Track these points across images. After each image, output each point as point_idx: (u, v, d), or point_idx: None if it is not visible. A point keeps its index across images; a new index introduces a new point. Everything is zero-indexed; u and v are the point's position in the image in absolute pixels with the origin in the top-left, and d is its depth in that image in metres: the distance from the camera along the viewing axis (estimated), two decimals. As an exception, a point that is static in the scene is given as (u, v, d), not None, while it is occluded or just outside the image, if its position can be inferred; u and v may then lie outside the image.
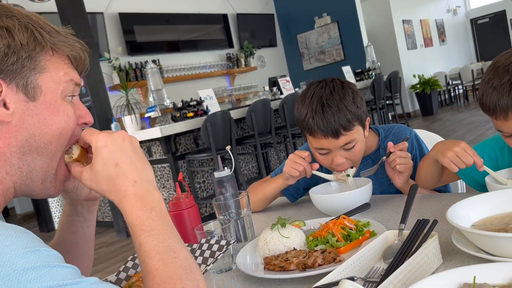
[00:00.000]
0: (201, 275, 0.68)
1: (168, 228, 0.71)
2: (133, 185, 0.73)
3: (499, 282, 0.62)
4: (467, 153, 1.14)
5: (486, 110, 1.12)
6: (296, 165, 1.40)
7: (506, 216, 0.90)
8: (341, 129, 1.32)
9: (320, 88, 1.37)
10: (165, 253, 0.67)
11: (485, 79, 1.12)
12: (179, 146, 4.81)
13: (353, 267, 0.86)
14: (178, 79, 8.28)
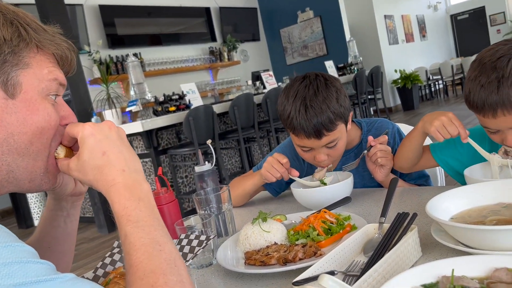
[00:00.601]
0: (185, 270, 0.66)
1: (155, 220, 0.69)
2: (121, 174, 0.71)
3: (477, 274, 0.62)
4: (453, 123, 1.16)
5: (473, 108, 1.10)
6: (273, 170, 1.39)
7: (484, 209, 0.91)
8: (324, 130, 1.32)
9: (304, 87, 1.35)
10: (150, 245, 0.65)
11: (472, 76, 1.10)
12: (161, 140, 4.76)
13: (333, 261, 0.86)
14: (160, 73, 8.20)
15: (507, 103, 1.02)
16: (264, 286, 0.91)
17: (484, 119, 1.10)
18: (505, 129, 1.08)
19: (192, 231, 1.09)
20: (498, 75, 1.03)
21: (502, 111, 1.04)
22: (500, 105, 1.03)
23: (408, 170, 1.44)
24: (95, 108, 5.02)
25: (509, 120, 1.05)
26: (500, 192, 0.92)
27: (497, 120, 1.07)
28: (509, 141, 1.08)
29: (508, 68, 1.02)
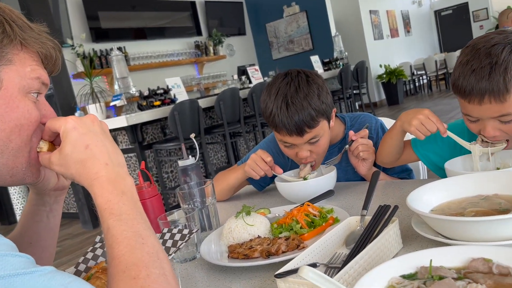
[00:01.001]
0: (168, 263, 0.66)
1: (138, 214, 0.69)
2: (104, 167, 0.71)
3: (455, 264, 0.63)
4: (431, 120, 1.17)
5: (460, 93, 1.09)
6: (257, 168, 1.39)
7: (463, 201, 0.92)
8: (306, 127, 1.32)
9: (285, 84, 1.35)
10: (133, 238, 0.65)
11: (463, 61, 1.08)
12: (146, 135, 4.72)
13: (315, 253, 0.87)
14: (144, 67, 8.11)
15: (496, 90, 1.02)
16: (247, 279, 0.91)
17: (468, 106, 1.09)
18: (486, 119, 1.08)
19: (175, 225, 1.08)
20: (492, 61, 1.02)
21: (489, 99, 1.03)
22: (489, 91, 1.02)
23: (390, 165, 1.45)
24: (79, 102, 4.95)
25: (493, 109, 1.05)
26: (479, 185, 0.93)
27: (482, 108, 1.06)
28: (487, 131, 1.09)
29: (503, 56, 1.02)
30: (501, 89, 1.01)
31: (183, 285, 0.96)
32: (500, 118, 1.06)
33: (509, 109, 1.03)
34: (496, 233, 0.72)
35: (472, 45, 1.08)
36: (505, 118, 1.05)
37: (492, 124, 1.08)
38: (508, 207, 0.83)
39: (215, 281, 0.94)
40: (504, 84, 1.01)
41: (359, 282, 0.59)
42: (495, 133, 1.08)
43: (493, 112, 1.05)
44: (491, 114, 1.06)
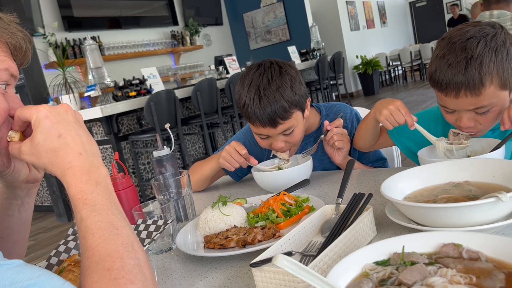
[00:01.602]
0: (143, 254, 0.65)
1: (113, 204, 0.68)
2: (78, 157, 0.69)
3: (427, 250, 0.64)
4: (400, 112, 1.18)
5: (437, 86, 1.10)
6: (232, 160, 1.38)
7: (435, 188, 0.94)
8: (279, 119, 1.31)
9: (258, 76, 1.34)
10: (107, 229, 0.63)
11: (440, 54, 1.08)
12: (121, 126, 4.65)
13: (291, 242, 0.87)
14: (119, 57, 7.96)
15: (472, 84, 1.03)
16: (223, 269, 0.91)
17: (445, 98, 1.10)
18: (462, 111, 1.10)
19: (150, 217, 1.07)
20: (467, 55, 1.03)
21: (465, 92, 1.05)
22: (464, 85, 1.04)
23: (367, 150, 1.47)
24: (52, 93, 4.83)
25: (469, 102, 1.06)
26: (450, 172, 0.95)
27: (458, 101, 1.07)
28: (463, 122, 1.11)
29: (478, 50, 1.03)
30: (476, 83, 1.03)
31: (158, 276, 0.95)
32: (476, 110, 1.08)
33: (484, 101, 1.05)
34: (466, 219, 0.74)
35: (448, 37, 1.09)
36: (481, 110, 1.07)
37: (468, 116, 1.10)
38: (478, 194, 0.85)
39: (191, 272, 0.94)
40: (479, 78, 1.02)
41: (333, 269, 0.60)
42: (471, 124, 1.10)
43: (469, 105, 1.07)
44: (467, 107, 1.08)
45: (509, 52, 1.04)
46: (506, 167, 0.88)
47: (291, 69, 1.38)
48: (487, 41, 1.03)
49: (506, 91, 1.06)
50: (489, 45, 1.03)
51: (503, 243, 0.58)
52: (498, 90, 1.05)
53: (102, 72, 4.61)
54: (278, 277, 0.72)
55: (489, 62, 1.02)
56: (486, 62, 1.02)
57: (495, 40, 1.04)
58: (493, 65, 1.02)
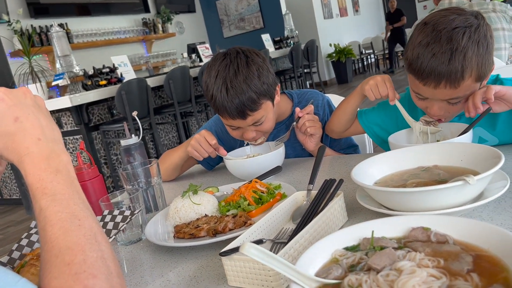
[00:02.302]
0: (108, 246, 0.61)
1: (75, 193, 0.64)
2: (36, 143, 0.65)
3: (396, 234, 0.64)
4: (385, 84, 1.18)
5: (417, 74, 1.06)
6: (201, 150, 1.36)
7: (405, 173, 0.94)
8: (248, 111, 1.29)
9: (224, 67, 1.30)
10: (68, 220, 0.59)
11: (423, 42, 1.04)
12: (92, 116, 4.53)
13: (262, 230, 0.86)
14: (89, 45, 7.75)
15: (453, 77, 1.02)
16: (194, 259, 0.89)
17: (422, 87, 1.08)
18: (435, 99, 1.10)
19: (119, 207, 1.04)
20: (453, 47, 1.01)
21: (446, 84, 1.03)
22: (446, 77, 1.02)
23: (338, 135, 1.46)
24: (17, 82, 4.66)
25: (446, 93, 1.06)
26: (420, 157, 0.96)
27: (436, 91, 1.06)
28: (433, 111, 1.11)
29: (463, 42, 1.01)
30: (458, 76, 1.02)
31: (127, 268, 0.93)
32: (449, 100, 1.08)
33: (459, 93, 1.05)
34: (435, 203, 0.74)
35: (432, 24, 1.05)
36: (454, 101, 1.08)
37: (439, 105, 1.10)
38: (447, 177, 0.86)
39: (161, 262, 0.91)
40: (461, 71, 1.01)
41: (303, 256, 0.59)
42: (441, 113, 1.11)
43: (445, 96, 1.07)
44: (443, 97, 1.07)
45: (488, 45, 1.04)
46: (473, 151, 0.89)
47: (258, 58, 1.34)
48: (471, 33, 1.02)
49: (479, 83, 1.07)
50: (472, 37, 1.01)
51: (470, 226, 0.58)
52: (473, 83, 1.04)
53: (70, 61, 4.47)
54: (248, 266, 0.71)
55: (472, 55, 1.01)
56: (469, 56, 1.01)
57: (478, 32, 1.02)
58: (475, 58, 1.01)
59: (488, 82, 1.19)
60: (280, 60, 8.01)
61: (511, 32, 2.61)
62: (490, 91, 1.00)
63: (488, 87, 1.01)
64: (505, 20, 2.58)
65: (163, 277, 0.85)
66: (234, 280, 0.74)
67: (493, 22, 2.55)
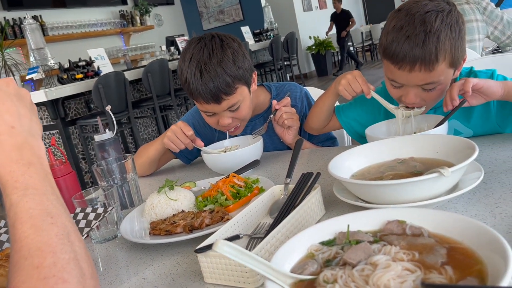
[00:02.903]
0: (81, 246, 0.58)
1: (48, 188, 0.60)
2: (9, 130, 0.61)
3: (372, 228, 0.64)
4: (357, 81, 1.19)
5: (392, 58, 1.06)
6: (177, 141, 1.33)
7: (382, 165, 0.94)
8: (222, 94, 1.27)
9: (199, 50, 1.28)
10: (40, 218, 0.56)
11: (397, 26, 1.05)
12: (68, 110, 4.44)
13: (239, 225, 0.85)
14: (65, 38, 7.58)
15: (428, 59, 1.02)
16: (170, 256, 0.88)
17: (397, 72, 1.08)
18: (410, 86, 1.10)
19: (93, 204, 1.02)
20: (426, 29, 1.02)
21: (420, 67, 1.04)
22: (421, 59, 1.02)
23: (317, 132, 1.46)
24: (-10, 76, 4.53)
25: (421, 77, 1.06)
26: (396, 149, 0.96)
27: (411, 75, 1.06)
28: (409, 98, 1.11)
29: (436, 24, 1.02)
30: (432, 58, 1.02)
31: (102, 266, 0.91)
32: (424, 86, 1.08)
33: (434, 77, 1.05)
34: (410, 195, 0.74)
35: (405, 9, 1.06)
36: (429, 87, 1.08)
37: (415, 91, 1.10)
38: (423, 169, 0.86)
39: (136, 260, 0.90)
40: (435, 53, 1.02)
41: (278, 251, 0.58)
42: (416, 100, 1.11)
43: (420, 80, 1.07)
44: (418, 82, 1.07)
45: (460, 31, 1.05)
46: (448, 143, 0.89)
47: (234, 42, 1.32)
48: (443, 16, 1.03)
49: (453, 69, 1.08)
50: (445, 20, 1.03)
51: (444, 218, 0.58)
52: (447, 68, 1.05)
53: (45, 54, 4.36)
54: (224, 262, 0.70)
55: (445, 37, 1.02)
56: (443, 38, 1.02)
57: (450, 17, 1.04)
58: (448, 41, 1.02)
59: (462, 74, 1.20)
60: (260, 53, 7.98)
61: (485, 23, 2.65)
62: (468, 84, 1.01)
63: (466, 80, 1.02)
64: (479, 12, 2.62)
65: (138, 275, 0.84)
66: (210, 277, 0.73)
67: (466, 14, 2.58)
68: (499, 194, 0.80)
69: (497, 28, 2.70)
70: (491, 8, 2.68)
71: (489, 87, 1.01)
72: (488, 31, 2.69)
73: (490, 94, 1.02)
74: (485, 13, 2.65)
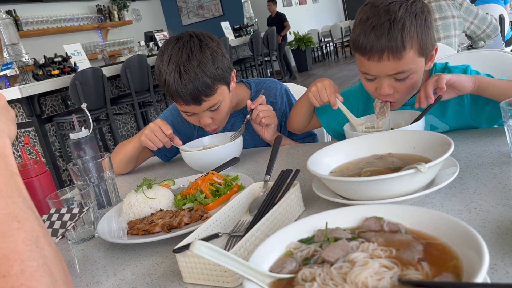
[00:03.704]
0: (52, 251, 0.56)
1: (14, 190, 0.56)
2: None
3: (350, 225, 0.64)
4: (324, 91, 1.19)
5: (361, 50, 1.08)
6: (155, 139, 1.32)
7: (360, 161, 0.95)
8: (202, 96, 1.26)
9: (177, 51, 1.26)
10: (5, 223, 0.53)
11: (363, 18, 1.08)
12: (44, 107, 4.34)
13: (218, 223, 0.84)
14: (40, 33, 7.40)
15: (394, 47, 1.04)
16: (148, 256, 0.86)
17: (367, 63, 1.09)
18: (383, 77, 1.10)
19: (69, 204, 1.00)
20: (390, 18, 1.04)
21: (388, 55, 1.05)
22: (388, 48, 1.04)
23: (299, 131, 1.47)
24: (-39, 72, 4.39)
25: (391, 66, 1.07)
26: (374, 145, 0.96)
27: (380, 65, 1.07)
28: (383, 89, 1.11)
29: (400, 13, 1.04)
30: (398, 46, 1.04)
31: (79, 268, 0.89)
32: (396, 76, 1.09)
33: (404, 66, 1.07)
34: (388, 191, 0.75)
35: (371, 2, 1.10)
36: (400, 76, 1.09)
37: (388, 82, 1.10)
38: (400, 165, 0.87)
39: (114, 260, 0.88)
40: (401, 41, 1.04)
41: (257, 250, 0.57)
42: (390, 91, 1.11)
43: (390, 69, 1.08)
44: (388, 72, 1.08)
45: (426, 20, 1.07)
46: (425, 139, 0.90)
47: (212, 42, 1.31)
48: (407, 6, 1.06)
49: (423, 58, 1.09)
50: (409, 10, 1.05)
51: (420, 214, 0.59)
52: (416, 56, 1.07)
53: (19, 49, 4.25)
54: (203, 262, 0.69)
55: (410, 25, 1.04)
56: (408, 26, 1.04)
57: (414, 6, 1.06)
58: (414, 29, 1.05)
59: (437, 70, 1.22)
60: (240, 48, 7.95)
61: (461, 19, 2.70)
62: (442, 81, 1.02)
63: (440, 76, 1.03)
64: (455, 8, 2.67)
65: (116, 275, 0.82)
66: (189, 277, 0.72)
67: (443, 10, 2.62)
68: (474, 189, 0.81)
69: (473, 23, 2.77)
70: (466, 4, 2.75)
71: (461, 81, 1.03)
72: (465, 26, 2.76)
73: (461, 89, 1.04)
74: (461, 8, 2.71)
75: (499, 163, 0.91)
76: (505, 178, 0.83)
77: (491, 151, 0.98)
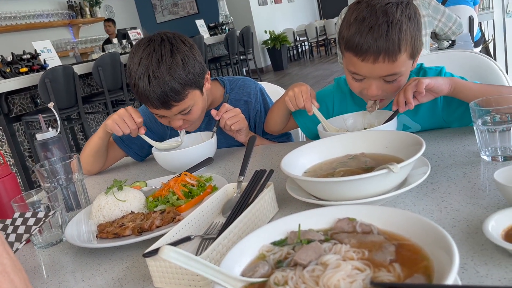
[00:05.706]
0: (9, 257, 0.52)
1: None
2: None
3: (323, 226, 0.63)
4: (301, 97, 1.19)
5: (356, 50, 1.05)
6: (123, 125, 1.28)
7: (334, 161, 0.95)
8: (172, 101, 1.24)
9: (147, 55, 1.23)
10: None
11: (359, 17, 1.04)
12: (12, 106, 4.21)
13: (191, 225, 0.83)
14: (8, 29, 7.17)
15: (391, 49, 1.02)
16: (118, 260, 0.84)
17: (360, 64, 1.07)
18: (372, 78, 1.09)
19: (36, 208, 0.96)
20: (388, 19, 1.02)
21: (384, 58, 1.03)
22: (384, 50, 1.02)
23: (277, 133, 1.46)
24: None
25: (384, 68, 1.05)
26: (347, 145, 0.96)
27: (374, 66, 1.05)
28: (371, 90, 1.10)
29: (397, 15, 1.03)
30: (395, 49, 1.03)
31: (46, 273, 0.86)
32: (386, 77, 1.08)
33: (396, 68, 1.06)
34: (362, 191, 0.75)
35: (365, 1, 1.06)
36: (390, 78, 1.08)
37: (377, 84, 1.09)
38: (373, 165, 0.87)
39: (82, 265, 0.85)
40: (398, 44, 1.02)
41: (228, 254, 0.56)
42: (378, 92, 1.10)
43: (383, 71, 1.06)
44: (381, 73, 1.07)
45: (418, 22, 1.07)
46: (397, 138, 0.91)
47: (184, 46, 1.27)
48: (403, 7, 1.04)
49: (412, 60, 1.09)
50: (405, 12, 1.04)
51: (392, 214, 0.59)
52: (407, 59, 1.07)
53: (-15, 46, 4.10)
54: (174, 266, 0.68)
55: (406, 28, 1.03)
56: (404, 28, 1.03)
57: (409, 8, 1.05)
58: (409, 32, 1.04)
59: (412, 71, 1.22)
60: (215, 47, 7.91)
61: (430, 17, 2.77)
62: (421, 85, 1.01)
63: (419, 81, 1.02)
64: (424, 7, 2.74)
65: (84, 281, 0.79)
66: (160, 282, 0.71)
67: None
68: (445, 188, 0.82)
69: (440, 20, 2.89)
70: (434, 3, 2.86)
71: (439, 85, 1.03)
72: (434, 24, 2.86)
73: (439, 92, 1.05)
74: (429, 7, 2.80)
75: (468, 162, 0.92)
76: (475, 177, 0.85)
77: (461, 151, 1.00)
